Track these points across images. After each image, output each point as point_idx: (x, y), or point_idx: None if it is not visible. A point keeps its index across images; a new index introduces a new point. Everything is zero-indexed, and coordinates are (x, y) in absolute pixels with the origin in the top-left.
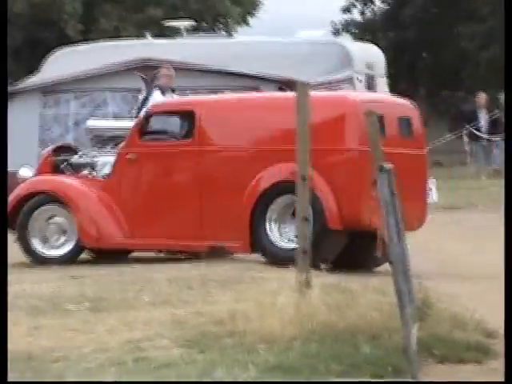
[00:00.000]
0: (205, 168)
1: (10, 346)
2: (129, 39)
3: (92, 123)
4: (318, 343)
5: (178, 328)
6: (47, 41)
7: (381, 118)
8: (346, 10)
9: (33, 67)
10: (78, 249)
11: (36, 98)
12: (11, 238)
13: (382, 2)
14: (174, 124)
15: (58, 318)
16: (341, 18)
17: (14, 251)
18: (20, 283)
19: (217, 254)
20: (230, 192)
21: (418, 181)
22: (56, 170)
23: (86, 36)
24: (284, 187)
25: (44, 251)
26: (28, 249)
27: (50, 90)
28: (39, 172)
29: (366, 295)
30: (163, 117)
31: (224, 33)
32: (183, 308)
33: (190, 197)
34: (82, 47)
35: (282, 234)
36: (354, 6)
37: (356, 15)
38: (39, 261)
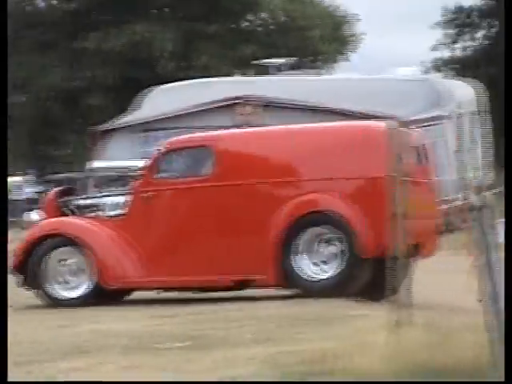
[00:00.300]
0: (225, 203)
1: None
2: (224, 76)
3: (96, 164)
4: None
5: (267, 367)
6: (142, 78)
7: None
8: (437, 47)
9: (127, 105)
10: (94, 290)
11: (135, 136)
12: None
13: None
14: (190, 160)
15: (153, 357)
16: (431, 56)
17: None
18: (106, 322)
19: (242, 288)
20: (253, 226)
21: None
22: (62, 212)
23: (182, 74)
24: (309, 219)
25: (59, 293)
26: (41, 292)
27: (147, 128)
28: (46, 215)
29: (456, 333)
30: (178, 154)
31: (316, 70)
32: (273, 346)
33: (211, 233)
34: (178, 85)
35: (308, 266)
36: (447, 43)
37: (449, 52)
38: (54, 303)
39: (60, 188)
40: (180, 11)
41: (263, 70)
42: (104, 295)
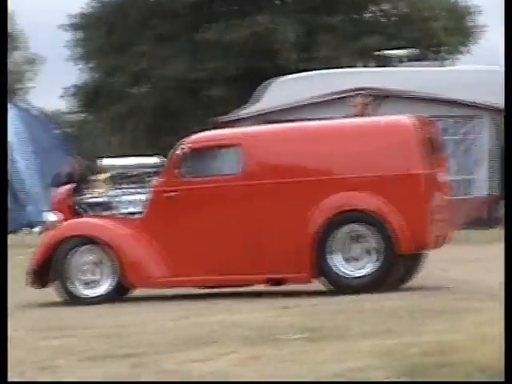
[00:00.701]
0: (257, 202)
1: (221, 376)
2: (344, 68)
3: (106, 162)
4: None
5: (388, 359)
6: (263, 70)
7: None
8: None
9: (249, 96)
10: (116, 289)
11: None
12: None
13: None
14: (216, 158)
15: (274, 348)
16: None
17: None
18: (228, 313)
19: (277, 284)
20: (287, 224)
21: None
22: (75, 210)
23: (303, 65)
24: (346, 216)
25: (81, 292)
26: (67, 291)
27: (267, 119)
28: (62, 215)
29: None
30: (203, 152)
31: (439, 61)
32: (392, 339)
33: (242, 232)
34: (297, 76)
35: (344, 263)
36: None
37: None
38: (79, 301)
39: (70, 186)
40: (302, 3)
41: (385, 61)
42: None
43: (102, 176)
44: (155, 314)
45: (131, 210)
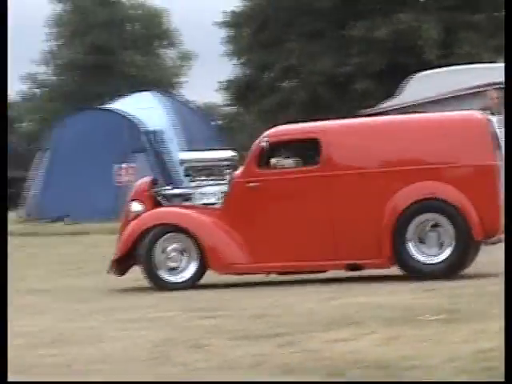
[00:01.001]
0: (336, 192)
1: (361, 355)
2: (483, 64)
3: (183, 155)
4: None
5: None
6: (406, 65)
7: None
8: None
9: (392, 90)
10: (199, 274)
11: None
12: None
13: None
14: (296, 151)
15: (412, 329)
16: None
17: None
18: (372, 295)
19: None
20: (366, 213)
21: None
22: (155, 201)
23: (444, 61)
24: (423, 205)
25: (168, 278)
26: (153, 276)
27: (407, 112)
28: (144, 205)
29: None
30: (283, 145)
31: None
32: None
33: (320, 220)
34: (437, 71)
35: (421, 250)
36: None
37: None
38: (164, 287)
39: (149, 178)
40: (444, 1)
41: None
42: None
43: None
44: (301, 297)
45: (207, 201)
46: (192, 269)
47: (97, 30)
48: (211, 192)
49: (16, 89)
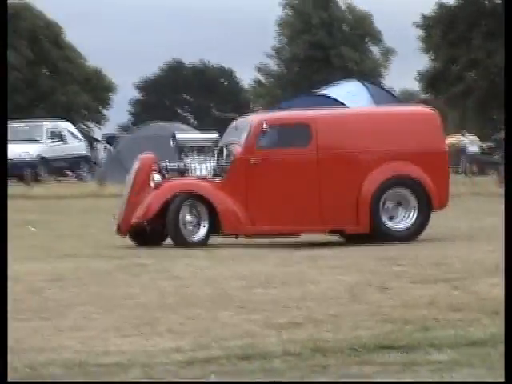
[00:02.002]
0: (323, 169)
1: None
2: None
3: (179, 136)
4: None
5: None
6: None
7: None
8: None
9: None
10: (209, 235)
11: None
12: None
13: None
14: (290, 134)
15: None
16: None
17: None
18: None
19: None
20: (348, 186)
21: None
22: (161, 174)
23: None
24: (394, 181)
25: (188, 236)
26: (178, 236)
27: None
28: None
29: None
30: (278, 128)
31: None
32: None
33: (310, 191)
34: None
35: (392, 219)
36: None
37: None
38: (186, 244)
39: (151, 153)
40: None
41: None
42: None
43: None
44: (470, 250)
45: (199, 174)
46: (203, 230)
47: (315, 29)
48: (203, 167)
49: (251, 77)
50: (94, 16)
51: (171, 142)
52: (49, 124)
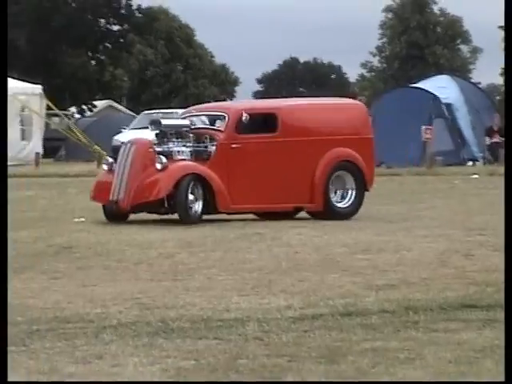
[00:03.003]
0: (288, 152)
1: None
2: None
3: (164, 122)
4: None
5: None
6: None
7: None
8: None
9: None
10: (205, 211)
11: None
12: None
13: None
14: (262, 122)
15: None
16: None
17: None
18: None
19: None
20: (305, 169)
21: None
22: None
23: None
24: (340, 165)
25: (193, 212)
26: (186, 210)
27: None
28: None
29: None
30: (255, 117)
31: None
32: None
33: (279, 173)
34: None
35: (337, 198)
36: None
37: None
38: (188, 219)
39: (147, 139)
40: None
41: None
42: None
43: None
44: None
45: (181, 157)
46: (199, 208)
47: (412, 31)
48: (184, 150)
49: (358, 72)
50: (221, 19)
51: (151, 128)
52: (181, 112)
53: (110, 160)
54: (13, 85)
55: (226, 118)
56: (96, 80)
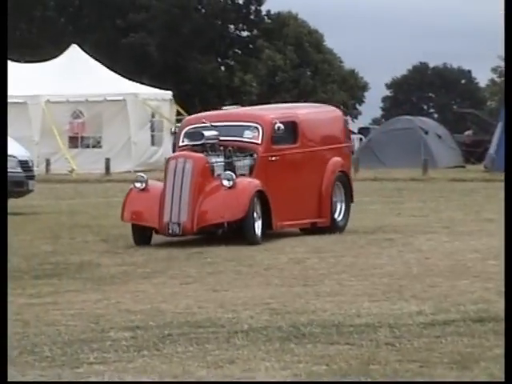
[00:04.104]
0: (306, 164)
1: None
2: None
3: (207, 134)
4: None
5: None
6: None
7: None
8: None
9: None
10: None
11: None
12: None
13: None
14: (288, 133)
15: None
16: None
17: None
18: None
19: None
20: (316, 182)
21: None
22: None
23: None
24: (338, 177)
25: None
26: (255, 233)
27: None
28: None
29: None
30: (283, 128)
31: None
32: None
33: (302, 186)
34: None
35: (337, 211)
36: None
37: None
38: (258, 241)
39: (201, 154)
40: None
41: None
42: None
43: None
44: None
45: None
46: (260, 226)
47: None
48: (223, 164)
49: (488, 77)
50: (349, 24)
51: (188, 140)
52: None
53: (145, 177)
54: (143, 91)
55: (260, 129)
56: (225, 85)
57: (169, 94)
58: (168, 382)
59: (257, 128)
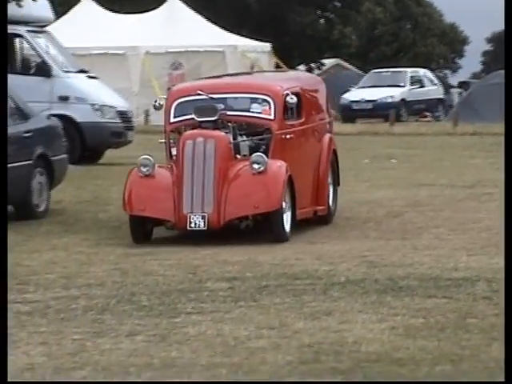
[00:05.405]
0: (311, 142)
1: None
2: None
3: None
4: None
5: None
6: None
7: None
8: None
9: None
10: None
11: None
12: None
13: None
14: (295, 107)
15: None
16: None
17: None
18: None
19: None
20: (314, 164)
21: None
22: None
23: None
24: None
25: None
26: (283, 226)
27: None
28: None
29: None
30: (294, 102)
31: None
32: None
33: (310, 168)
34: None
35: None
36: None
37: None
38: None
39: (221, 132)
40: None
41: None
42: None
43: None
44: None
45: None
46: (289, 216)
47: None
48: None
49: None
50: None
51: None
52: (410, 71)
53: (151, 161)
54: (242, 43)
55: (271, 102)
56: (325, 38)
57: (268, 46)
58: (168, 382)
59: (266, 101)
